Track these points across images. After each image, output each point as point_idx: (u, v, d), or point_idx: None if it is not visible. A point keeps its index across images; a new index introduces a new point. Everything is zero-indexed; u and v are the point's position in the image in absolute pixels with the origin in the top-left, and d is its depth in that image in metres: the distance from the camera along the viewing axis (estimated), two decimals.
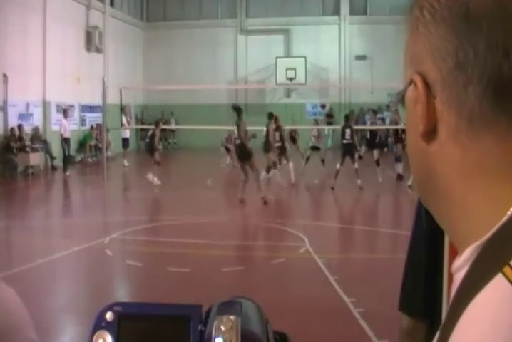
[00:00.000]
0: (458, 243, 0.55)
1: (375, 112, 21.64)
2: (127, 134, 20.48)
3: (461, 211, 0.53)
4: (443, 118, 0.53)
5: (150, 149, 15.33)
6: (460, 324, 0.47)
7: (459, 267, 0.52)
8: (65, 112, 18.04)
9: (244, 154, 11.79)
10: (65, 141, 17.42)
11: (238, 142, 11.98)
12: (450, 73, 0.52)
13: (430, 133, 0.54)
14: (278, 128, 14.61)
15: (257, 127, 16.53)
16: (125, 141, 20.37)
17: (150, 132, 15.70)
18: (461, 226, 0.54)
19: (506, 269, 0.45)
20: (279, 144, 14.59)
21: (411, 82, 0.56)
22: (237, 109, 12.12)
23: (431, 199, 0.58)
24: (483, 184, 0.52)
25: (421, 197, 0.60)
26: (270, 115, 14.16)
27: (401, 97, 0.59)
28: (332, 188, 13.18)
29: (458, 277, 0.51)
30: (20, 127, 17.36)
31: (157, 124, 15.47)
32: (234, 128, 12.12)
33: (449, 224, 0.56)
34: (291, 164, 14.47)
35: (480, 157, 0.52)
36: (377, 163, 14.80)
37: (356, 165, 13.54)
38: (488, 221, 0.50)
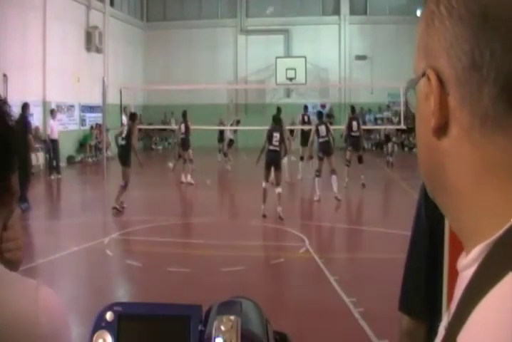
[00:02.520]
0: (465, 240, 0.54)
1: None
2: None
3: (470, 208, 0.53)
4: (455, 115, 0.53)
5: (184, 145, 14.61)
6: (469, 323, 0.46)
7: (467, 265, 0.52)
8: (52, 112, 17.22)
9: (123, 157, 11.19)
10: (52, 143, 16.92)
11: (122, 142, 11.21)
12: (465, 72, 0.52)
13: (441, 129, 0.54)
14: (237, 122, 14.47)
15: (258, 127, 16.55)
16: None
17: (183, 128, 14.74)
18: (468, 223, 0.53)
19: None
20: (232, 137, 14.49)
21: (423, 75, 0.56)
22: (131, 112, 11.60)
23: (439, 194, 0.58)
24: (494, 183, 0.52)
25: (429, 192, 0.60)
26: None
27: (413, 87, 0.59)
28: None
29: (466, 275, 0.51)
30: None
31: (184, 116, 14.64)
32: (125, 128, 11.39)
33: (457, 220, 0.56)
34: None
35: (493, 157, 0.51)
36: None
37: (279, 189, 10.00)
38: (498, 221, 0.50)
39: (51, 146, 16.95)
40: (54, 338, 0.98)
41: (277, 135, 10.25)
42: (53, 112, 17.23)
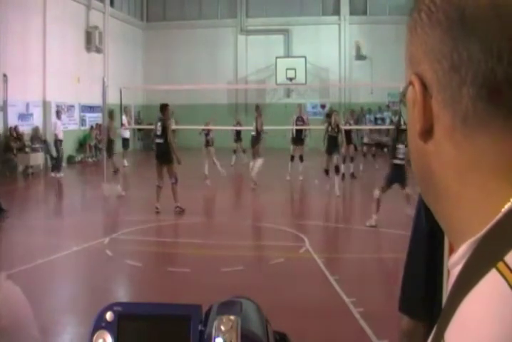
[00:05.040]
0: (454, 239, 0.56)
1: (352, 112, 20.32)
2: (127, 134, 20.47)
3: (457, 208, 0.55)
4: (439, 118, 0.55)
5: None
6: (455, 319, 0.47)
7: (455, 263, 0.53)
8: (58, 113, 17.92)
9: (165, 156, 10.63)
10: (57, 142, 17.35)
11: (158, 140, 10.82)
12: (445, 74, 0.54)
13: (427, 132, 0.56)
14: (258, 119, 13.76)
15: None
16: (125, 141, 20.37)
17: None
18: (456, 223, 0.55)
19: (500, 265, 0.46)
20: (253, 133, 13.72)
21: (410, 83, 0.57)
22: (163, 106, 11.11)
23: (430, 196, 0.59)
24: (477, 182, 0.53)
25: (422, 194, 0.62)
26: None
27: (403, 97, 0.60)
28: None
29: (454, 273, 0.52)
30: (15, 128, 17.33)
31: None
32: (158, 125, 10.98)
33: (446, 221, 0.57)
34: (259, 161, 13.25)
35: (475, 156, 0.53)
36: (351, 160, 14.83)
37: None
38: (483, 219, 0.51)
39: (56, 145, 17.24)
40: (15, 330, 0.99)
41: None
42: (58, 113, 17.87)
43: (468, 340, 0.45)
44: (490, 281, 0.46)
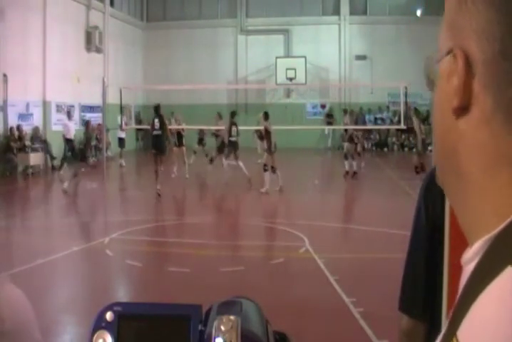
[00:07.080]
0: (469, 233, 0.54)
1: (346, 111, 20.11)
2: (123, 134, 20.58)
3: (477, 199, 0.52)
4: (479, 100, 0.52)
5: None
6: (468, 317, 0.46)
7: (469, 259, 0.51)
8: (69, 113, 18.11)
9: (161, 147, 12.68)
10: (68, 142, 17.49)
11: (156, 133, 12.78)
12: (494, 59, 0.51)
13: (462, 110, 0.53)
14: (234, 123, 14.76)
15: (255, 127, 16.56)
16: (120, 141, 20.46)
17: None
18: (474, 215, 0.53)
19: None
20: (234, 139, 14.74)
21: (449, 52, 0.54)
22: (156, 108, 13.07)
23: (448, 180, 0.57)
24: (505, 175, 0.50)
25: (438, 175, 0.59)
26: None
27: (435, 64, 0.57)
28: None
29: (468, 269, 0.50)
30: (19, 127, 17.38)
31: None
32: (156, 121, 12.95)
33: (462, 210, 0.55)
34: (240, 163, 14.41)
35: (509, 148, 0.50)
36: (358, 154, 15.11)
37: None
38: (501, 215, 0.49)
39: (67, 146, 17.30)
40: (18, 333, 0.99)
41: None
42: (69, 114, 17.96)
43: (482, 339, 0.44)
44: (506, 279, 0.45)
